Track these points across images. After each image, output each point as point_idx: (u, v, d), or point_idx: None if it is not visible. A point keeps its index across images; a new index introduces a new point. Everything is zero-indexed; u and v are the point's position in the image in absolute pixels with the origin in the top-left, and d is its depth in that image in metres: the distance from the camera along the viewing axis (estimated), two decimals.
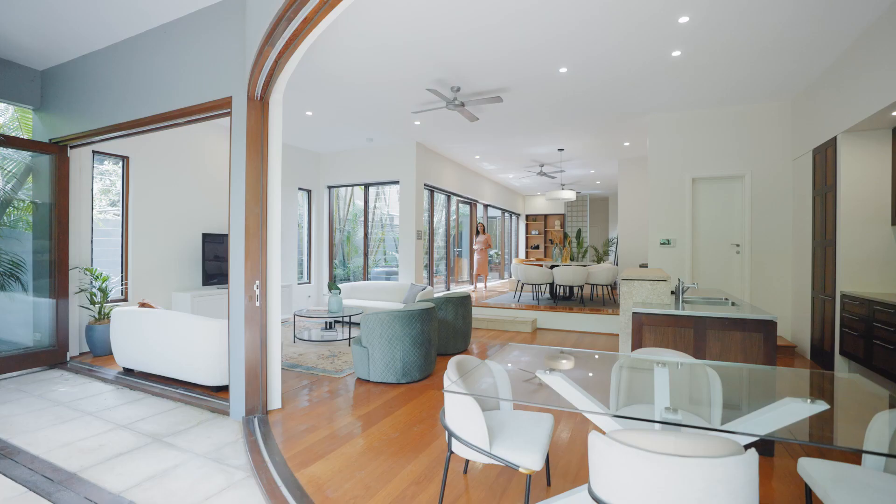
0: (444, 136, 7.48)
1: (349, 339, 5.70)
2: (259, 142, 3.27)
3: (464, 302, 5.35)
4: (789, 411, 1.67)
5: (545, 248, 15.54)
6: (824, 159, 4.65)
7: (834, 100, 4.42)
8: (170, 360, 3.84)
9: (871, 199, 4.17)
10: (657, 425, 1.81)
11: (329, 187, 8.98)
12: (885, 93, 3.56)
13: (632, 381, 2.37)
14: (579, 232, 12.09)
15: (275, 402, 3.42)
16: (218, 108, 3.44)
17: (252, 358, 3.26)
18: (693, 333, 2.83)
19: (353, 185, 9.00)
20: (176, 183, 6.03)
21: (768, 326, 2.65)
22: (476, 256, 10.52)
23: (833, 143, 4.42)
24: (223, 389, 3.75)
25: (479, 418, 1.88)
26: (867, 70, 3.82)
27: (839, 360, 4.30)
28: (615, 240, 10.05)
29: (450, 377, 2.01)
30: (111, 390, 3.84)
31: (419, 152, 7.99)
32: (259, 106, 3.27)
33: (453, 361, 2.15)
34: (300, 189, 8.54)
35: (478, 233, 10.56)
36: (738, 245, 5.97)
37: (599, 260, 9.74)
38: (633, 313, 2.98)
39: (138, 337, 4.02)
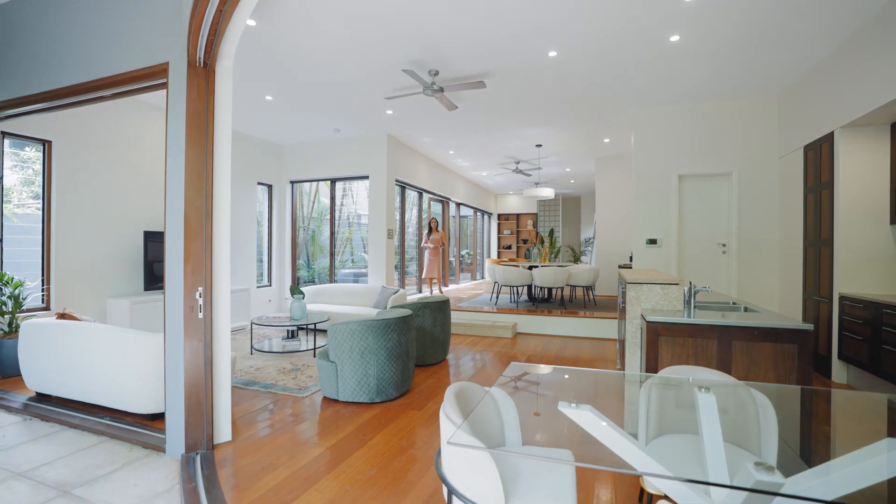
0: (417, 128, 6.99)
1: (314, 349, 5.13)
2: (203, 119, 2.68)
3: (442, 307, 4.88)
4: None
5: (518, 247, 15.29)
6: (818, 156, 4.47)
7: (830, 93, 4.24)
8: (94, 383, 3.17)
9: (870, 197, 4.00)
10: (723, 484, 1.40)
11: (292, 182, 8.30)
12: (893, 85, 3.36)
13: (663, 406, 1.97)
14: (552, 231, 11.87)
15: (223, 433, 2.84)
16: (152, 76, 2.82)
17: (194, 382, 2.67)
18: (717, 345, 2.48)
19: (318, 181, 8.36)
20: (112, 173, 5.26)
21: (804, 337, 2.33)
22: (427, 257, 8.86)
23: (829, 138, 4.24)
24: (160, 417, 3.12)
25: (492, 475, 1.42)
26: (871, 62, 3.63)
27: (837, 364, 4.12)
28: (592, 240, 9.85)
29: (450, 417, 1.54)
30: (16, 422, 3.13)
31: (391, 145, 7.45)
32: (203, 74, 2.68)
33: (452, 393, 1.67)
34: (260, 184, 7.83)
35: (430, 230, 8.83)
36: (724, 245, 5.79)
37: (576, 260, 9.51)
38: (648, 322, 2.60)
39: (55, 355, 3.32)
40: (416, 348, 4.50)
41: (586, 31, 3.85)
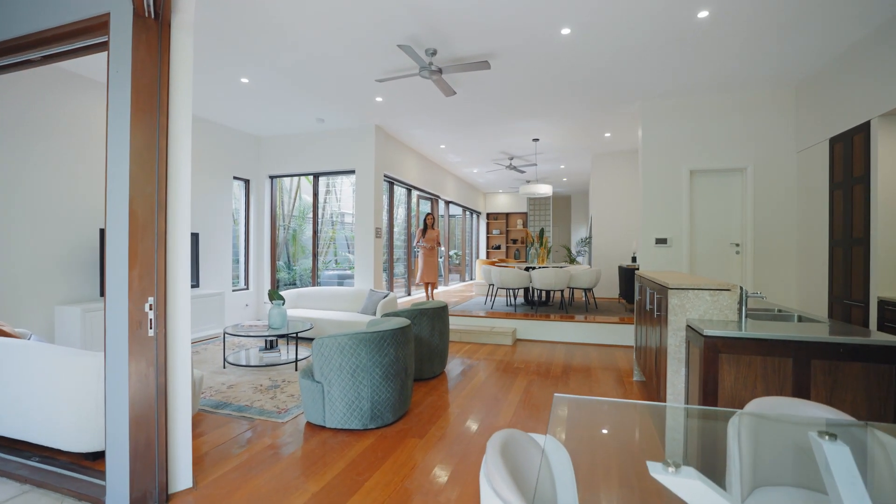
0: (409, 118, 6.47)
1: (296, 361, 4.56)
2: (154, 83, 2.12)
3: (440, 314, 4.38)
4: None
5: (507, 248, 14.88)
6: (848, 148, 4.13)
7: (866, 79, 3.89)
8: (20, 415, 2.56)
9: None
10: None
11: (271, 177, 7.68)
12: None
13: (757, 450, 1.52)
14: (542, 231, 11.50)
15: (181, 478, 2.28)
16: (89, 33, 2.25)
17: (142, 415, 2.11)
18: (792, 365, 2.04)
19: (300, 175, 7.75)
20: (60, 163, 4.59)
21: None
22: (421, 258, 7.86)
23: (863, 129, 3.90)
24: (102, 457, 2.54)
25: None
26: None
27: None
28: (588, 239, 9.48)
29: (503, 496, 1.04)
30: None
31: (379, 138, 6.92)
32: (154, 28, 2.13)
33: (497, 451, 1.18)
34: (236, 178, 7.19)
35: (425, 227, 7.84)
36: (737, 245, 5.44)
37: (572, 261, 9.13)
38: (706, 337, 2.15)
39: None
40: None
41: (607, 3, 3.41)
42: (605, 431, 1.58)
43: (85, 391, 2.42)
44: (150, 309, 2.11)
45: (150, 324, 2.11)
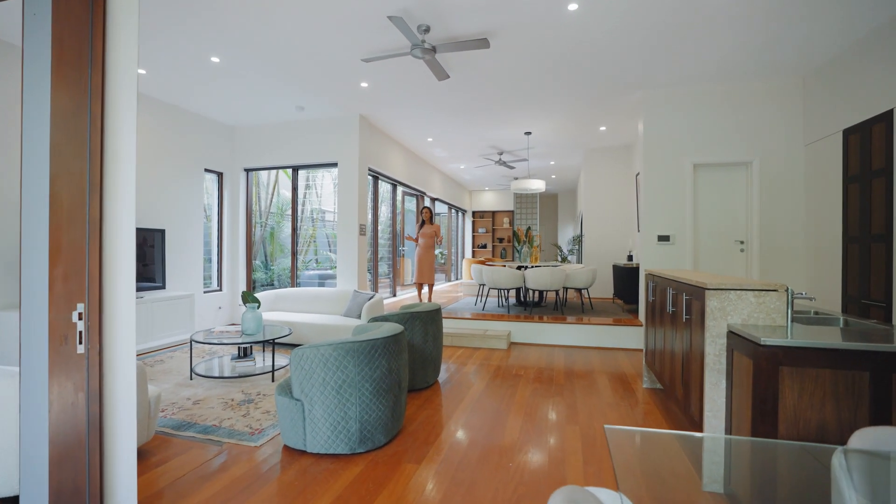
0: (395, 107, 6.04)
1: (272, 371, 4.10)
2: (84, 30, 1.67)
3: (434, 317, 3.98)
4: None
5: (493, 246, 14.56)
6: (866, 140, 3.90)
7: (887, 67, 3.65)
8: None
9: None
10: None
11: (247, 170, 7.14)
12: None
13: (876, 496, 1.18)
14: (528, 229, 11.22)
15: None
16: None
17: (67, 453, 1.66)
18: (870, 380, 1.72)
19: (278, 168, 7.24)
20: None
21: None
22: (418, 255, 7.27)
23: (884, 118, 3.66)
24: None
25: None
26: None
27: None
28: (579, 237, 9.22)
29: None
30: None
31: (363, 129, 6.47)
32: None
33: None
34: (208, 171, 6.64)
35: (422, 222, 7.30)
36: (742, 242, 5.20)
37: (564, 260, 8.85)
38: (763, 346, 1.81)
39: None
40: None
41: None
42: (685, 478, 1.22)
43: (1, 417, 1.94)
44: (80, 318, 1.65)
45: (80, 337, 1.65)
